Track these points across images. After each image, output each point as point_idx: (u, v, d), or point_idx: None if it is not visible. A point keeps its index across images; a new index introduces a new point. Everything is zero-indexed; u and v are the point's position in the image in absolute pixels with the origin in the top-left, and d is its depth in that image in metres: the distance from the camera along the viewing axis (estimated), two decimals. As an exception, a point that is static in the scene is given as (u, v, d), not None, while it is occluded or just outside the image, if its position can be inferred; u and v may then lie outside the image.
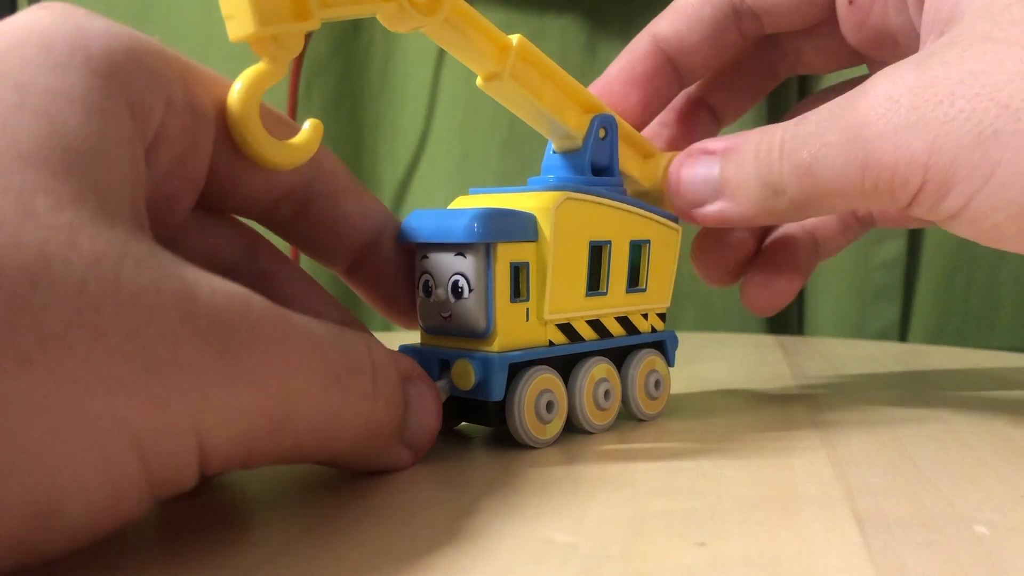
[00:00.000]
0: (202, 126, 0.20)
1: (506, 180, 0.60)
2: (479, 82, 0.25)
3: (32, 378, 0.13)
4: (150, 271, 0.15)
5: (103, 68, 0.17)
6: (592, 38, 0.60)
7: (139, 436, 0.14)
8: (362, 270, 0.25)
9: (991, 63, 0.21)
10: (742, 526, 0.18)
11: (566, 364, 0.25)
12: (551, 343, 0.25)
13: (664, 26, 0.30)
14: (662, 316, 0.28)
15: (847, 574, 0.15)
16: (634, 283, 0.27)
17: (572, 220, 0.25)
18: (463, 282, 0.23)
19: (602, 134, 0.27)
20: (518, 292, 0.24)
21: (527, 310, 0.24)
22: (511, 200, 0.25)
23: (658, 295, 0.28)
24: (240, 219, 0.24)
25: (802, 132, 0.24)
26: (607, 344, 0.26)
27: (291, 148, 0.22)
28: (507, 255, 0.24)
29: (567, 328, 0.25)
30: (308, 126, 0.22)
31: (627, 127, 0.29)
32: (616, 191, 0.27)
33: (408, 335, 0.27)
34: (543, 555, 0.16)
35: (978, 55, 0.21)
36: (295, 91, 0.54)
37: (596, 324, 0.26)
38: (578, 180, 0.26)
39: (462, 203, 0.26)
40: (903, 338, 0.59)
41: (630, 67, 0.30)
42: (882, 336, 0.59)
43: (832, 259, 0.34)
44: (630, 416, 0.27)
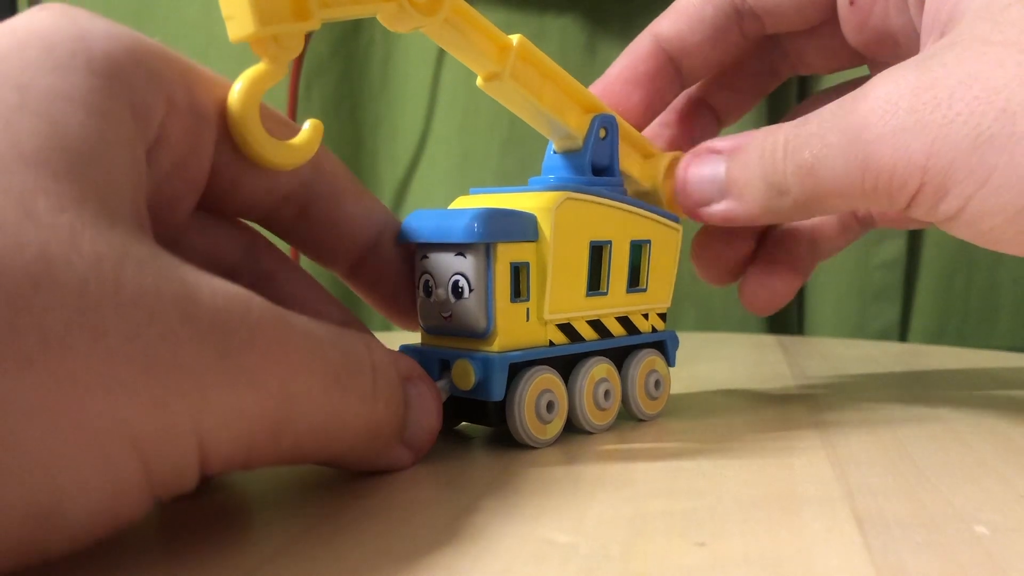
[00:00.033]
0: (203, 127, 0.20)
1: (506, 180, 0.60)
2: (479, 82, 0.25)
3: (33, 379, 0.13)
4: (151, 272, 0.15)
5: (104, 69, 0.17)
6: (592, 38, 0.60)
7: (139, 437, 0.14)
8: (363, 271, 0.25)
9: (989, 66, 0.21)
10: (742, 526, 0.18)
11: (566, 364, 0.25)
12: (551, 343, 0.25)
13: (665, 26, 0.30)
14: (663, 316, 0.28)
15: (847, 574, 0.15)
16: (635, 283, 0.27)
17: (572, 220, 0.25)
18: (463, 282, 0.23)
19: (602, 134, 0.27)
20: (518, 292, 0.24)
21: (527, 310, 0.24)
22: (511, 200, 0.25)
23: (659, 295, 0.28)
24: (241, 220, 0.24)
25: (804, 133, 0.24)
26: (607, 344, 0.26)
27: (291, 148, 0.22)
28: (507, 255, 0.24)
29: (567, 328, 0.25)
30: (308, 126, 0.22)
31: (628, 127, 0.29)
32: (616, 191, 0.27)
33: (408, 335, 0.27)
34: (543, 555, 0.16)
35: (976, 57, 0.21)
36: (295, 91, 0.54)
37: (596, 324, 0.26)
38: (578, 180, 0.26)
39: (462, 203, 0.26)
40: (903, 338, 0.59)
41: (631, 67, 0.30)
42: (882, 336, 0.59)
43: (832, 259, 0.34)
44: (630, 416, 0.27)
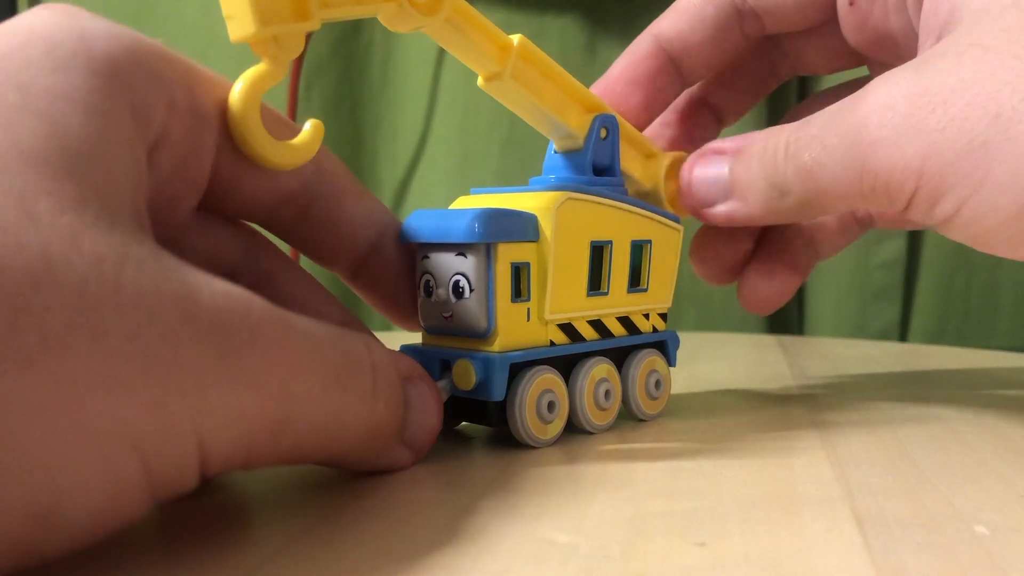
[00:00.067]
0: (204, 128, 0.20)
1: (506, 180, 0.60)
2: (480, 82, 0.25)
3: (33, 379, 0.13)
4: (151, 273, 0.15)
5: (105, 69, 0.17)
6: (592, 38, 0.60)
7: (139, 437, 0.14)
8: (364, 272, 0.25)
9: (984, 72, 0.21)
10: (742, 526, 0.18)
11: (567, 364, 0.25)
12: (552, 343, 0.25)
13: (666, 26, 0.30)
14: (663, 316, 0.28)
15: (847, 574, 0.15)
16: (635, 283, 0.27)
17: (573, 220, 0.25)
18: (464, 282, 0.23)
19: (603, 134, 0.27)
20: (519, 292, 0.24)
21: (528, 310, 0.24)
22: (512, 200, 0.25)
23: (659, 295, 0.28)
24: (241, 220, 0.24)
25: (804, 135, 0.25)
26: (608, 344, 0.26)
27: (292, 148, 0.22)
28: (508, 255, 0.24)
29: (568, 328, 0.25)
30: (308, 127, 0.22)
31: (629, 127, 0.29)
32: (617, 191, 0.27)
33: (409, 335, 0.27)
34: (543, 555, 0.16)
35: (971, 63, 0.22)
36: (295, 91, 0.54)
37: (597, 324, 0.26)
38: (579, 180, 0.26)
39: (464, 203, 0.26)
40: (903, 338, 0.59)
41: (632, 67, 0.30)
42: (882, 336, 0.59)
43: (832, 259, 0.34)
44: (630, 416, 0.27)
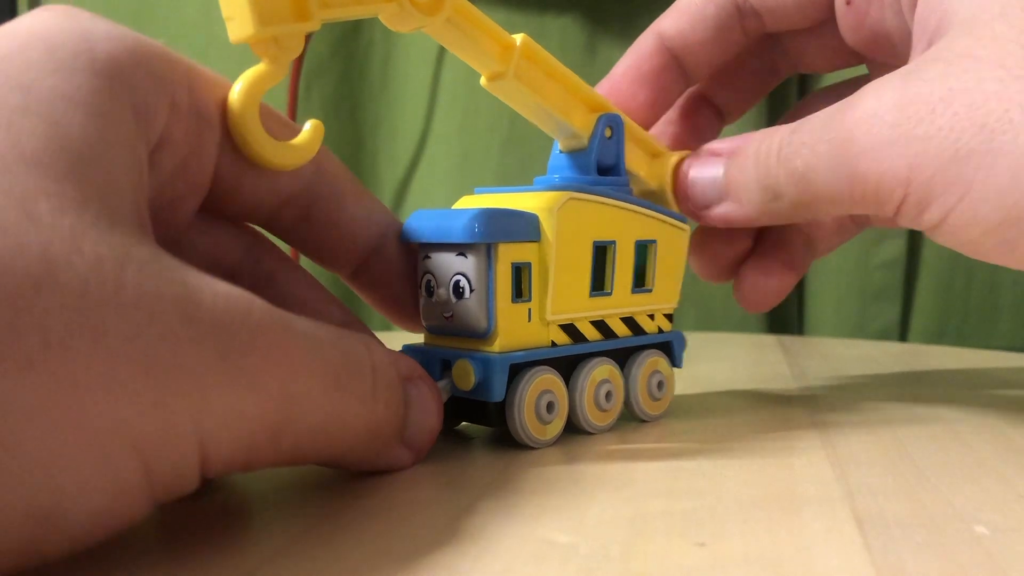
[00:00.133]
0: (206, 129, 0.20)
1: (506, 180, 0.60)
2: (483, 82, 0.25)
3: (34, 381, 0.13)
4: (152, 275, 0.15)
5: (107, 71, 0.17)
6: (592, 38, 0.60)
7: (140, 439, 0.14)
8: (365, 273, 0.25)
9: (971, 81, 0.21)
10: (742, 526, 0.18)
11: (569, 365, 0.25)
12: (553, 344, 0.25)
13: (668, 24, 0.30)
14: (669, 317, 0.28)
15: (847, 574, 0.15)
16: (640, 283, 0.27)
17: (575, 220, 0.25)
18: (464, 282, 0.23)
19: (608, 133, 0.27)
20: (520, 292, 0.24)
21: (529, 310, 0.24)
22: (515, 200, 0.25)
23: (665, 295, 0.28)
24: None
25: (796, 141, 0.25)
26: (611, 345, 0.26)
27: (292, 149, 0.22)
28: (508, 255, 0.24)
29: (570, 329, 0.25)
30: (309, 127, 0.22)
31: (634, 126, 0.29)
32: (622, 191, 0.27)
33: (410, 335, 0.27)
34: (543, 555, 0.16)
35: (959, 73, 0.22)
36: (295, 92, 0.54)
37: (600, 325, 0.26)
38: (583, 180, 0.26)
39: (466, 203, 0.26)
40: (903, 338, 0.59)
41: (636, 65, 0.30)
42: (882, 336, 0.59)
43: (832, 259, 0.34)
44: (632, 417, 0.27)
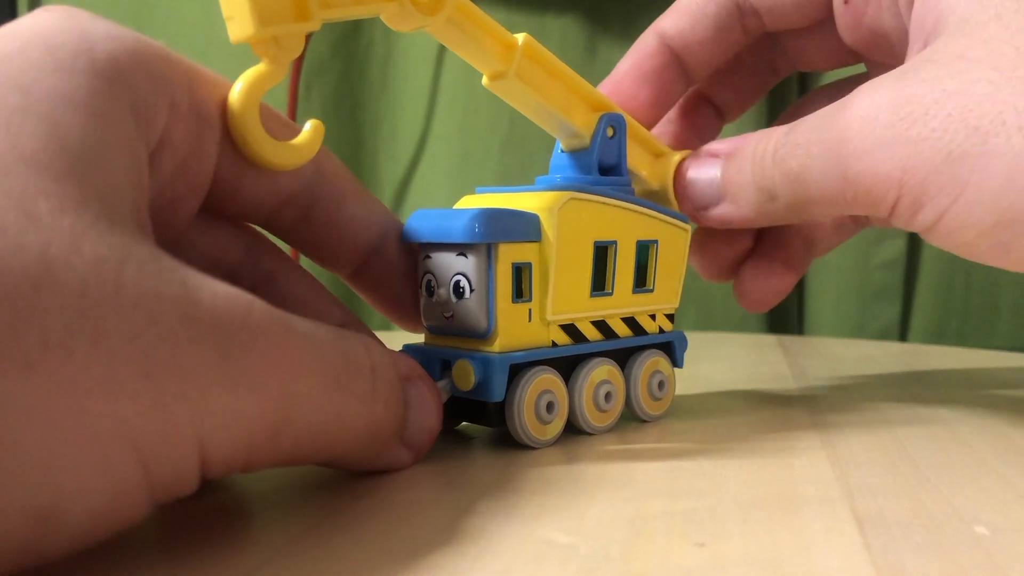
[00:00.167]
0: (207, 130, 0.20)
1: (506, 180, 0.60)
2: (485, 81, 0.25)
3: (33, 382, 0.13)
4: (151, 275, 0.15)
5: (107, 71, 0.17)
6: (592, 38, 0.60)
7: (140, 440, 0.14)
8: (365, 273, 0.25)
9: (964, 83, 0.21)
10: (742, 526, 0.18)
11: (570, 365, 0.25)
12: (554, 344, 0.25)
13: (669, 23, 0.30)
14: (670, 317, 0.28)
15: (847, 574, 0.15)
16: (641, 283, 0.27)
17: (576, 220, 0.25)
18: (464, 282, 0.23)
19: (610, 133, 0.27)
20: (520, 292, 0.24)
21: (529, 311, 0.24)
22: (516, 200, 0.25)
23: (666, 295, 0.28)
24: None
25: (791, 142, 0.25)
26: (611, 345, 0.26)
27: (292, 149, 0.22)
28: (509, 255, 0.24)
29: (571, 329, 0.25)
30: (309, 127, 0.22)
31: (637, 126, 0.29)
32: (624, 191, 0.27)
33: (411, 335, 0.27)
34: (543, 555, 0.16)
35: (953, 74, 0.22)
36: (295, 92, 0.54)
37: (601, 325, 0.26)
38: (584, 180, 0.26)
39: (467, 202, 0.26)
40: (903, 338, 0.59)
41: (638, 64, 0.30)
42: (882, 336, 0.59)
43: (832, 259, 0.34)
44: (633, 417, 0.27)
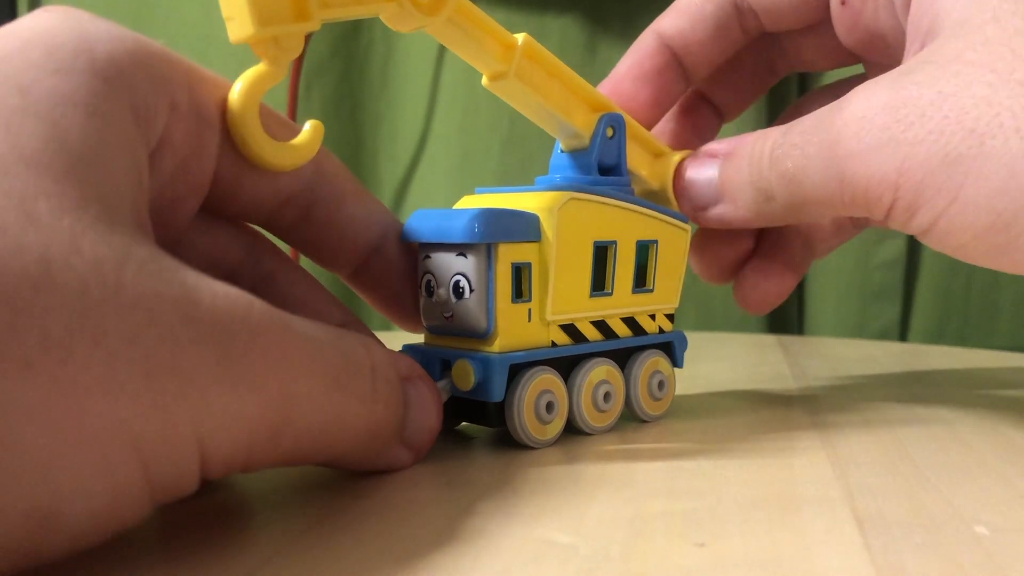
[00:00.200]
0: (207, 130, 0.20)
1: (506, 180, 0.60)
2: (485, 81, 0.25)
3: (33, 382, 0.13)
4: (151, 276, 0.15)
5: (107, 71, 0.17)
6: (592, 38, 0.60)
7: (140, 440, 0.14)
8: (365, 273, 0.25)
9: (960, 85, 0.21)
10: (742, 526, 0.18)
11: (570, 365, 0.25)
12: (554, 344, 0.25)
13: (668, 24, 0.30)
14: (670, 317, 0.28)
15: (847, 574, 0.15)
16: (641, 283, 0.27)
17: (576, 220, 0.25)
18: (464, 282, 0.23)
19: (610, 133, 0.27)
20: (520, 293, 0.24)
21: (529, 311, 0.24)
22: (516, 200, 0.25)
23: (666, 296, 0.28)
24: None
25: (787, 143, 0.25)
26: (611, 345, 0.26)
27: (291, 149, 0.22)
28: (508, 255, 0.24)
29: (571, 329, 0.25)
30: (308, 127, 0.22)
31: (637, 126, 0.29)
32: (623, 191, 0.27)
33: (410, 335, 0.27)
34: (543, 555, 0.16)
35: (949, 76, 0.22)
36: (295, 92, 0.54)
37: (601, 325, 0.26)
38: (584, 180, 0.26)
39: (467, 203, 0.26)
40: (903, 338, 0.59)
41: (638, 64, 0.30)
42: (882, 336, 0.59)
43: (832, 259, 0.34)
44: (633, 417, 0.27)
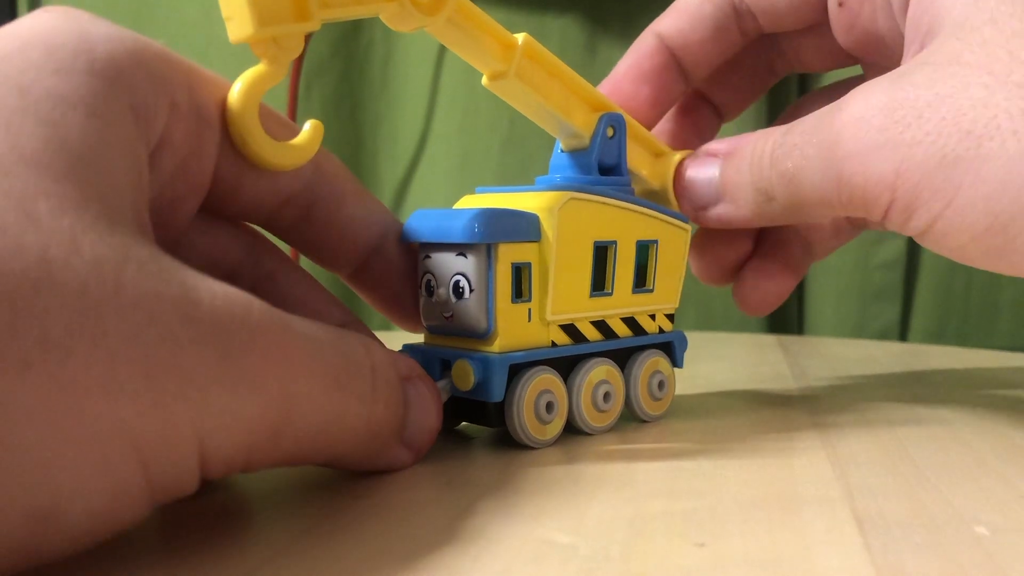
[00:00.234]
0: (207, 130, 0.20)
1: (506, 180, 0.60)
2: (485, 81, 0.25)
3: (33, 382, 0.13)
4: (151, 276, 0.15)
5: (106, 72, 0.17)
6: (592, 38, 0.60)
7: (140, 440, 0.14)
8: (365, 273, 0.25)
9: (958, 87, 0.21)
10: (742, 526, 0.18)
11: (570, 365, 0.25)
12: (554, 344, 0.25)
13: (667, 24, 0.30)
14: (670, 317, 0.28)
15: (847, 574, 0.15)
16: (641, 283, 0.27)
17: (576, 220, 0.25)
18: (464, 282, 0.23)
19: (610, 133, 0.27)
20: (520, 293, 0.24)
21: (529, 311, 0.24)
22: (516, 200, 0.25)
23: (666, 296, 0.28)
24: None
25: (787, 143, 0.25)
26: (611, 345, 0.26)
27: (291, 149, 0.22)
28: (508, 255, 0.24)
29: (571, 329, 0.25)
30: (308, 127, 0.22)
31: (637, 126, 0.29)
32: (624, 191, 0.27)
33: (410, 335, 0.27)
34: (543, 555, 0.16)
35: (947, 78, 0.22)
36: (295, 92, 0.54)
37: (601, 325, 0.26)
38: (584, 180, 0.26)
39: (467, 202, 0.26)
40: (903, 338, 0.59)
41: (638, 64, 0.30)
42: (882, 336, 0.59)
43: (832, 259, 0.34)
44: (633, 417, 0.27)
